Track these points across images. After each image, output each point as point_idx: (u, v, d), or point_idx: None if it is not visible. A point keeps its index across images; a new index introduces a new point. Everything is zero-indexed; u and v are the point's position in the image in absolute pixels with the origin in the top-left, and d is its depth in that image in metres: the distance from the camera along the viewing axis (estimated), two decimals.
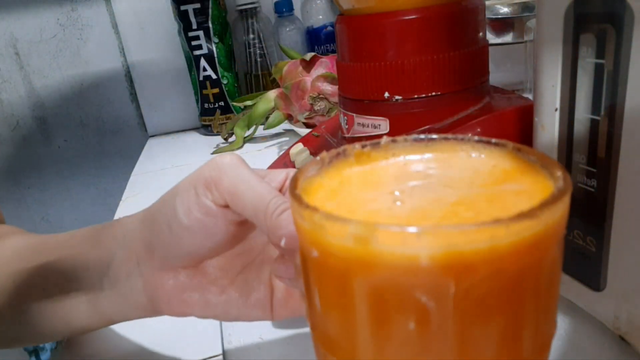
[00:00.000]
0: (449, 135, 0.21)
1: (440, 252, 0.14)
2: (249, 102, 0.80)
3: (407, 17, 0.35)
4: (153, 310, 0.28)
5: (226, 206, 0.24)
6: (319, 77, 0.70)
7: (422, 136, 0.21)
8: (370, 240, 0.14)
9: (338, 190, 0.19)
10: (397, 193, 0.19)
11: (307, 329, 0.24)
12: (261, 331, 0.35)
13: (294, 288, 0.27)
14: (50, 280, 0.29)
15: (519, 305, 0.15)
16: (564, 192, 0.15)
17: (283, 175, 0.26)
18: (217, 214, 0.24)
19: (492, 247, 0.14)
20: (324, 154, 0.20)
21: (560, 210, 0.15)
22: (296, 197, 0.17)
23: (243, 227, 0.26)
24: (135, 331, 0.37)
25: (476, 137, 0.21)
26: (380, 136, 0.21)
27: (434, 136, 0.21)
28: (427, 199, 0.18)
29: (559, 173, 0.17)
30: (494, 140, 0.20)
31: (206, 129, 0.95)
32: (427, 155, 0.21)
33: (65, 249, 0.30)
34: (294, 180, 0.18)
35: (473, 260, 0.14)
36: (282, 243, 0.22)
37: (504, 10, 0.64)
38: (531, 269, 0.15)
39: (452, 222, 0.16)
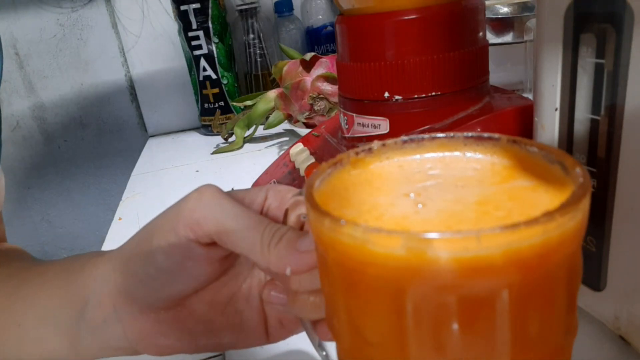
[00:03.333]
0: (439, 134, 0.21)
1: (499, 252, 0.14)
2: (249, 102, 0.80)
3: (407, 17, 0.35)
4: (135, 353, 0.26)
5: (211, 244, 0.23)
6: (319, 77, 0.70)
7: (413, 137, 0.21)
8: (426, 249, 0.14)
9: (348, 198, 0.19)
10: (412, 195, 0.19)
11: None
12: None
13: (286, 313, 0.26)
14: (28, 317, 0.28)
15: (562, 290, 0.16)
16: (587, 178, 0.16)
17: (262, 194, 0.25)
18: (200, 255, 0.23)
19: (544, 240, 0.14)
20: (323, 164, 0.20)
21: (589, 197, 0.16)
22: (326, 214, 0.16)
23: (227, 260, 0.25)
24: None
25: (465, 134, 0.21)
26: (380, 136, 0.21)
27: (425, 136, 0.21)
28: (448, 200, 0.18)
29: (570, 162, 0.17)
30: (486, 134, 0.20)
31: (206, 129, 0.95)
32: (424, 156, 0.21)
33: (42, 288, 0.28)
34: (311, 198, 0.18)
35: (528, 255, 0.15)
36: (288, 272, 0.21)
37: (504, 10, 0.64)
38: (572, 255, 0.16)
39: (488, 222, 0.17)
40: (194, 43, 0.89)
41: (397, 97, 0.37)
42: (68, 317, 0.27)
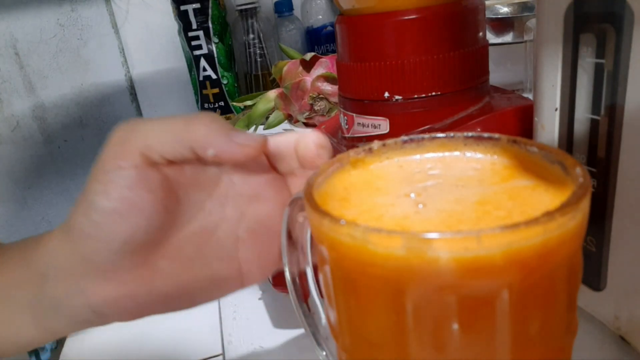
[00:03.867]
0: (439, 134, 0.21)
1: (499, 252, 0.14)
2: (249, 102, 0.80)
3: (407, 17, 0.35)
4: (104, 322, 0.26)
5: (143, 166, 0.23)
6: (319, 77, 0.70)
7: (413, 137, 0.21)
8: (427, 250, 0.14)
9: (348, 198, 0.19)
10: (412, 195, 0.19)
11: None
12: (261, 332, 0.35)
13: (263, 261, 0.26)
14: None
15: (562, 290, 0.16)
16: (587, 177, 0.16)
17: (292, 138, 0.25)
18: (134, 179, 0.23)
19: (544, 240, 0.15)
20: (323, 164, 0.20)
21: (589, 196, 0.16)
22: (326, 214, 0.16)
23: (167, 190, 0.24)
24: (136, 331, 0.37)
25: (465, 133, 0.21)
26: (380, 136, 0.21)
27: (425, 136, 0.21)
28: (449, 200, 0.18)
29: (570, 162, 0.17)
30: (486, 134, 0.20)
31: None
32: (424, 156, 0.21)
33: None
34: (311, 198, 0.18)
35: (528, 256, 0.15)
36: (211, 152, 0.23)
37: (504, 10, 0.64)
38: (572, 255, 0.16)
39: (489, 222, 0.17)
40: (194, 43, 0.89)
41: (397, 97, 0.37)
42: (28, 295, 0.26)
